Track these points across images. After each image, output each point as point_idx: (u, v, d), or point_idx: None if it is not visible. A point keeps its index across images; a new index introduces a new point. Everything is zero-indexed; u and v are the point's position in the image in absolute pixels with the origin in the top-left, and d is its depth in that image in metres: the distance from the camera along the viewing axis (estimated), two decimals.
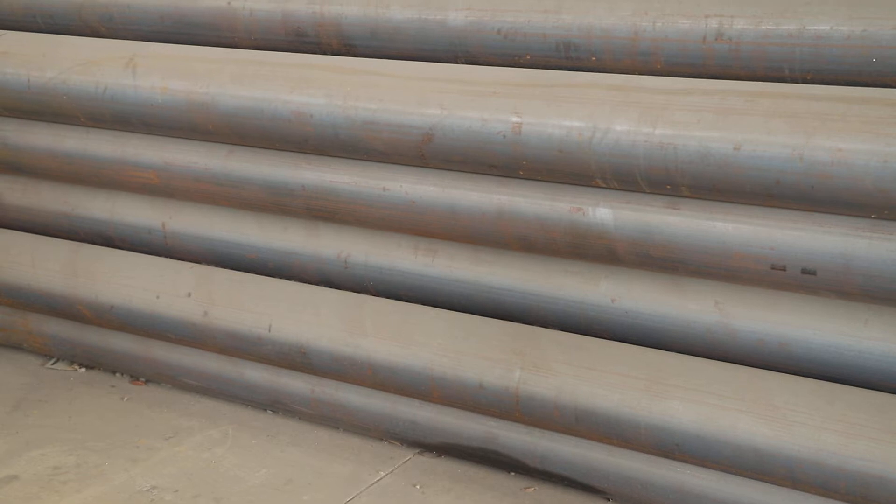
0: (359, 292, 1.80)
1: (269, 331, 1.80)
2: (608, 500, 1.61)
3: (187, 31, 1.79)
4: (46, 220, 2.08)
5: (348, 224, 1.76)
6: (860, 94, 1.26)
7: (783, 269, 1.36)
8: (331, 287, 1.82)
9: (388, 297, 1.78)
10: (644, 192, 1.44)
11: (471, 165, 1.55)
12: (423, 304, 1.74)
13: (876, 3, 1.28)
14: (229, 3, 1.73)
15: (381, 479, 1.70)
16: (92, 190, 2.00)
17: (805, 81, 1.35)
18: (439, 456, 1.76)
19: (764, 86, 1.34)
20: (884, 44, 1.28)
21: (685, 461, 1.48)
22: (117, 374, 2.09)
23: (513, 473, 1.69)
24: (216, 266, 1.91)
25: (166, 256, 1.96)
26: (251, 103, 1.66)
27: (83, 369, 2.12)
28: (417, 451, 1.78)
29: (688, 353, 1.51)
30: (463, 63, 1.61)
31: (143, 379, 2.07)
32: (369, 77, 1.60)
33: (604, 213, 1.49)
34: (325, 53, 1.71)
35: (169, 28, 1.80)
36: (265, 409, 1.93)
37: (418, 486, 1.68)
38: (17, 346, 2.19)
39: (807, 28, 1.32)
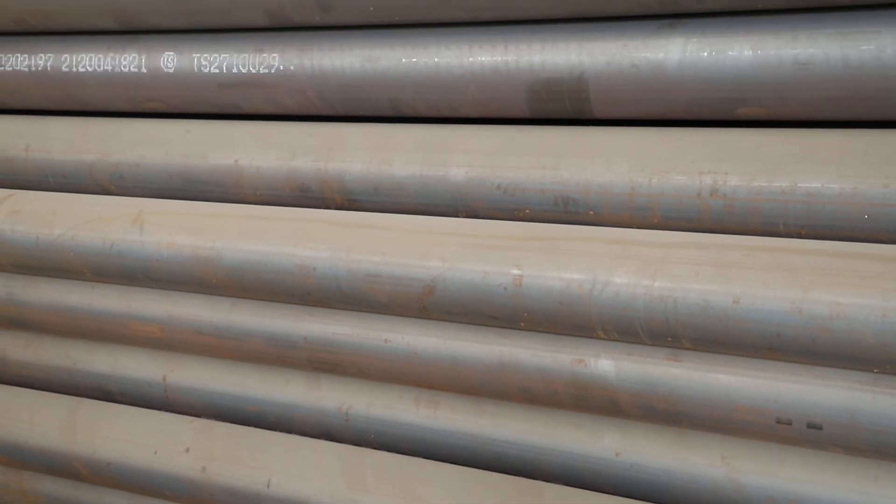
0: (360, 445, 1.77)
1: (269, 486, 1.76)
2: None
3: (194, 188, 1.83)
4: (48, 376, 2.07)
5: (350, 376, 1.75)
6: (855, 250, 1.28)
7: (789, 423, 1.35)
8: (332, 440, 1.80)
9: (389, 450, 1.75)
10: (645, 343, 1.44)
11: (472, 317, 1.55)
12: (425, 457, 1.71)
13: (865, 162, 1.32)
14: (236, 162, 1.78)
15: None
16: (94, 344, 2.01)
17: (799, 236, 1.37)
18: None
19: (760, 240, 1.36)
20: (875, 201, 1.31)
21: None
22: None
23: None
24: (216, 419, 1.90)
25: (166, 410, 1.95)
26: (255, 257, 1.68)
27: None
28: None
29: None
30: (464, 217, 1.63)
31: None
32: (372, 231, 1.63)
33: (606, 364, 1.49)
34: (328, 208, 1.74)
35: (177, 185, 1.85)
36: None
37: None
38: None
39: (799, 185, 1.36)
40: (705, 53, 1.42)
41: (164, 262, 1.76)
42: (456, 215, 1.64)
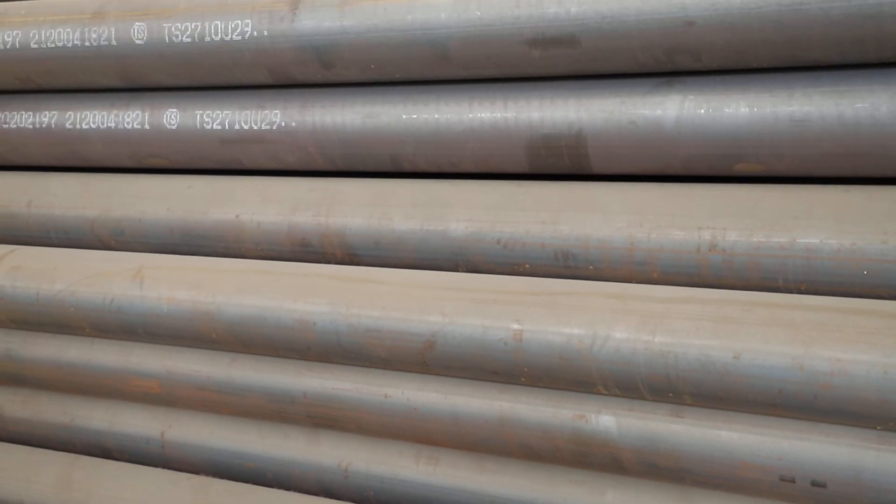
0: (359, 503, 1.75)
1: None
2: None
3: (195, 242, 1.84)
4: (45, 432, 2.05)
5: (349, 432, 1.74)
6: (855, 306, 1.28)
7: (792, 480, 1.33)
8: (330, 497, 1.77)
9: None
10: (647, 399, 1.43)
11: (473, 372, 1.55)
12: None
13: (863, 218, 1.33)
14: (237, 216, 1.79)
15: None
16: (92, 400, 2.00)
17: (799, 292, 1.37)
18: None
19: (759, 295, 1.37)
20: (873, 257, 1.31)
21: None
22: None
23: None
24: (214, 476, 1.88)
25: (164, 467, 1.93)
26: (256, 312, 1.68)
27: None
28: None
29: None
30: (464, 271, 1.64)
31: None
32: (372, 285, 1.63)
33: (607, 420, 1.48)
34: (329, 263, 1.75)
35: (178, 240, 1.85)
36: None
37: None
38: None
39: (797, 241, 1.36)
40: (702, 110, 1.44)
41: (164, 316, 1.76)
42: (456, 270, 1.65)
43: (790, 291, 1.38)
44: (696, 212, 1.45)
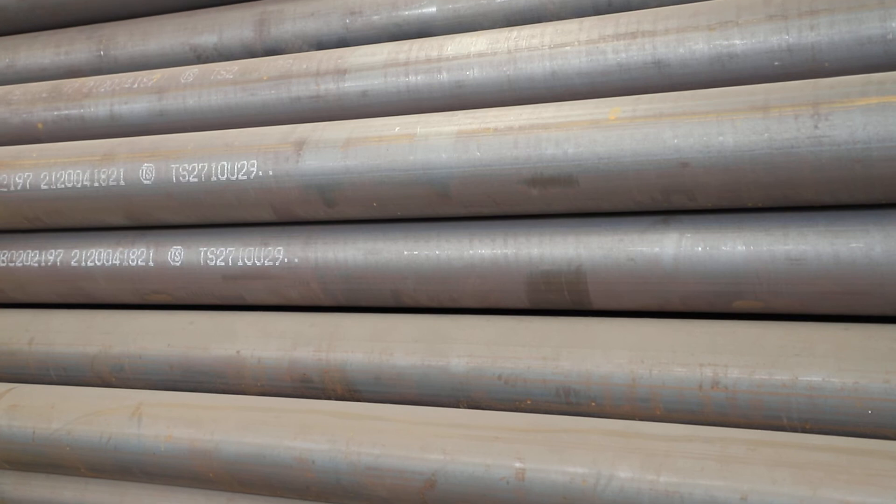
0: None
1: None
2: None
3: (195, 378, 1.83)
4: None
5: None
6: (861, 446, 1.27)
7: None
8: None
9: None
10: None
11: None
12: None
13: (864, 357, 1.33)
14: (238, 352, 1.79)
15: None
16: None
17: (803, 430, 1.36)
18: None
19: (764, 434, 1.35)
20: (877, 396, 1.30)
21: None
22: None
23: None
24: None
25: None
26: (254, 450, 1.65)
27: None
28: None
29: None
30: (465, 408, 1.62)
31: None
32: (372, 422, 1.61)
33: None
34: (329, 399, 1.73)
35: (177, 377, 1.85)
36: None
37: None
38: None
39: (800, 379, 1.36)
40: (699, 248, 1.45)
41: (161, 455, 1.73)
42: (457, 406, 1.63)
43: (795, 430, 1.37)
44: (696, 348, 1.45)
